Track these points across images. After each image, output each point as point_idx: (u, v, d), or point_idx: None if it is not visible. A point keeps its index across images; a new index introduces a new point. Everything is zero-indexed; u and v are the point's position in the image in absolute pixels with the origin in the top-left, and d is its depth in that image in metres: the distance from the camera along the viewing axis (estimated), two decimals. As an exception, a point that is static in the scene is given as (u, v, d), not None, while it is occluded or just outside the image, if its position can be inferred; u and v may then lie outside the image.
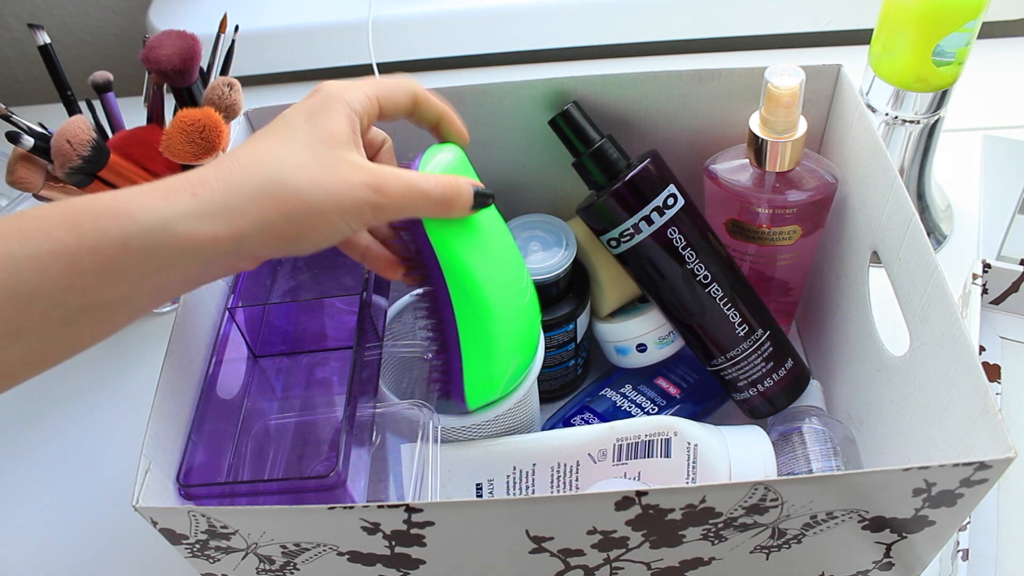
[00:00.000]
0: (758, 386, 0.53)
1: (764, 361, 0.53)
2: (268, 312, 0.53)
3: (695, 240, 0.51)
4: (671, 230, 0.50)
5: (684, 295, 0.52)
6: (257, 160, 0.34)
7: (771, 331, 0.53)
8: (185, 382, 0.44)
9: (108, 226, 0.32)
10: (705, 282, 0.51)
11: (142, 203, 0.32)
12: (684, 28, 0.90)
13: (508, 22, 0.90)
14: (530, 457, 0.49)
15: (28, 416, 0.66)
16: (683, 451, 0.47)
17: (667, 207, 0.50)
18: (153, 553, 0.55)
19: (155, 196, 0.33)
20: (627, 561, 0.40)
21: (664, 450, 0.48)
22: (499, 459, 0.49)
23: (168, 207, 0.32)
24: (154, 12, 0.92)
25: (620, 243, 0.51)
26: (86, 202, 0.32)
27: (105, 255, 0.32)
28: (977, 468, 0.34)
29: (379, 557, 0.39)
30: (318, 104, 0.37)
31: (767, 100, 0.50)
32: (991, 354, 0.60)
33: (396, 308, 0.54)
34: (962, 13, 0.56)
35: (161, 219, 0.32)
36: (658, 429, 0.48)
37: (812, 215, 0.54)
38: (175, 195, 0.33)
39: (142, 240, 0.32)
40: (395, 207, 0.36)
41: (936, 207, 0.70)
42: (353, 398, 0.43)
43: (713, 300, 0.51)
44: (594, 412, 0.58)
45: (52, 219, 0.31)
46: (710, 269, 0.51)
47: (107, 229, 0.32)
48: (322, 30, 0.90)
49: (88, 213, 0.32)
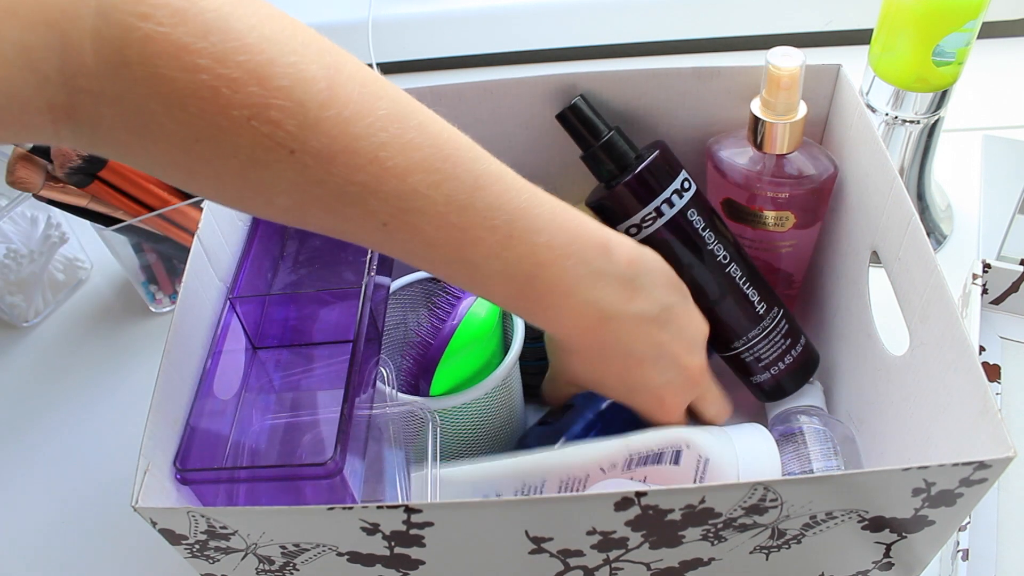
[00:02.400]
0: (776, 366, 0.54)
1: (783, 338, 0.53)
2: (268, 304, 0.53)
3: (711, 222, 0.51)
4: (690, 212, 0.50)
5: (707, 276, 0.52)
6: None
7: (783, 309, 0.54)
8: (184, 381, 0.44)
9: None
10: (725, 262, 0.51)
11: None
12: (684, 28, 0.90)
13: (508, 22, 0.90)
14: (541, 474, 0.49)
15: (28, 416, 0.66)
16: (693, 462, 0.48)
17: (684, 190, 0.50)
18: (153, 553, 0.55)
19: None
20: (627, 562, 0.40)
21: (674, 459, 0.48)
22: (509, 475, 0.49)
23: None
24: (154, 12, 0.92)
25: (641, 230, 0.51)
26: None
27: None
28: (977, 468, 0.34)
29: (378, 557, 0.39)
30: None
31: (767, 81, 0.50)
32: (991, 354, 0.60)
33: (406, 280, 0.55)
34: (962, 13, 0.56)
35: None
36: (671, 442, 0.48)
37: (809, 204, 0.54)
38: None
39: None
40: (700, 390, 0.49)
41: (936, 207, 0.70)
42: (351, 391, 0.43)
43: (733, 280, 0.52)
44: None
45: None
46: (727, 250, 0.52)
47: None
48: (322, 30, 0.88)
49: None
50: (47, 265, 0.72)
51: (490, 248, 0.37)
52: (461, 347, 0.49)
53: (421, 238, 0.36)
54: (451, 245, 0.36)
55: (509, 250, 0.37)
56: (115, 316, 0.73)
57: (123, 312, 0.73)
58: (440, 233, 0.36)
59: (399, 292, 0.55)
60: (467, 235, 0.36)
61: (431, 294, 0.55)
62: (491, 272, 0.38)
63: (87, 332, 0.72)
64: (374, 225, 0.35)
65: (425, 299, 0.56)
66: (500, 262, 0.37)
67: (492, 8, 0.89)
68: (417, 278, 0.56)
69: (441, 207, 0.35)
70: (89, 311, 0.73)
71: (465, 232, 0.36)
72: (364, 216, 0.34)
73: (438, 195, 0.35)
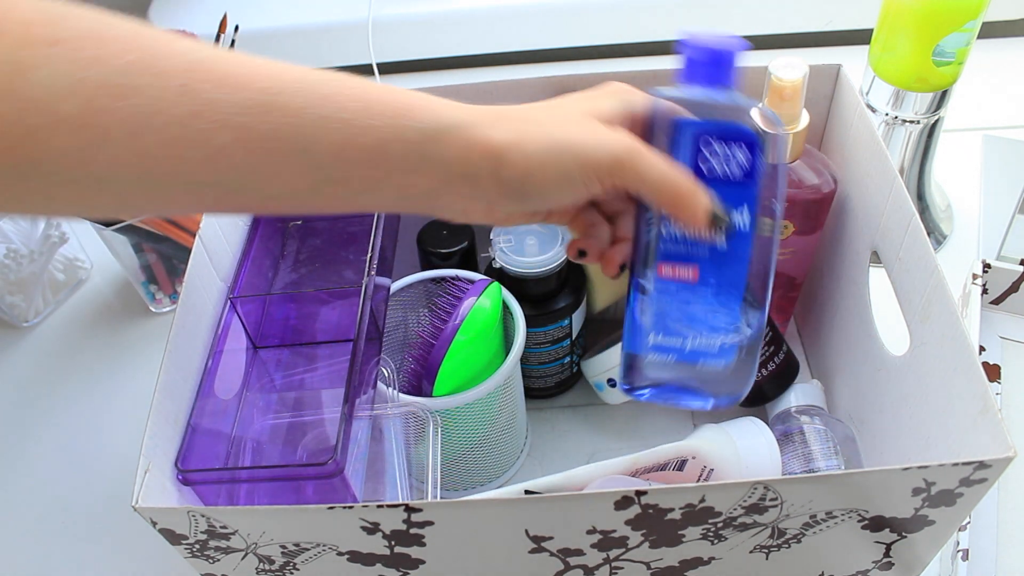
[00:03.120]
0: (759, 372, 0.54)
1: (766, 345, 0.54)
2: (269, 304, 0.53)
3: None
4: None
5: None
6: (530, 109, 0.36)
7: (768, 317, 0.54)
8: (184, 381, 0.44)
9: (401, 115, 0.33)
10: None
11: (436, 105, 0.34)
12: (684, 28, 0.90)
13: (508, 22, 0.90)
14: (550, 492, 0.49)
15: (28, 416, 0.66)
16: (697, 470, 0.48)
17: None
18: (153, 553, 0.55)
19: (446, 104, 0.34)
20: (627, 561, 0.40)
21: (678, 466, 0.48)
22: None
23: (464, 114, 0.34)
24: (154, 12, 0.92)
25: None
26: (376, 87, 0.33)
27: (383, 137, 0.33)
28: (977, 468, 0.34)
29: (379, 557, 0.39)
30: (599, 92, 0.38)
31: (770, 92, 0.50)
32: (991, 354, 0.60)
33: (407, 281, 0.56)
34: (962, 13, 0.56)
35: (462, 121, 0.33)
36: (678, 454, 0.48)
37: (809, 213, 0.54)
38: (470, 109, 0.34)
39: (427, 134, 0.33)
40: (634, 171, 0.36)
41: (936, 207, 0.70)
42: (352, 390, 0.43)
43: None
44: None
45: (346, 91, 0.33)
46: None
47: (400, 117, 0.33)
48: (322, 30, 0.90)
49: (379, 97, 0.33)
50: (47, 265, 0.72)
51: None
52: (464, 346, 0.49)
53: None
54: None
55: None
56: (115, 316, 0.73)
57: (123, 312, 0.73)
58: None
59: (400, 292, 0.55)
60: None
61: (432, 294, 0.55)
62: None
63: (87, 332, 0.72)
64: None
65: (426, 299, 0.56)
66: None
67: (492, 8, 0.89)
68: (418, 279, 0.56)
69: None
70: (89, 311, 0.73)
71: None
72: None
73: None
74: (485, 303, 0.50)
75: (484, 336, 0.50)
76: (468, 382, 0.50)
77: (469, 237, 0.58)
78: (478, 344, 0.50)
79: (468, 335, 0.49)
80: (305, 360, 0.52)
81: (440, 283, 0.55)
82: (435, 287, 0.55)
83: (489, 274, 0.56)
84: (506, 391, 0.53)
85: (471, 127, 0.34)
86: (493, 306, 0.51)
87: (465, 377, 0.50)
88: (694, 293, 0.38)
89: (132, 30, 0.31)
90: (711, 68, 0.36)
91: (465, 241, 0.58)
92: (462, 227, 0.59)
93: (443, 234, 0.58)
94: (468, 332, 0.49)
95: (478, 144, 0.34)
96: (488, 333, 0.50)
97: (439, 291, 0.54)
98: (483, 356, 0.51)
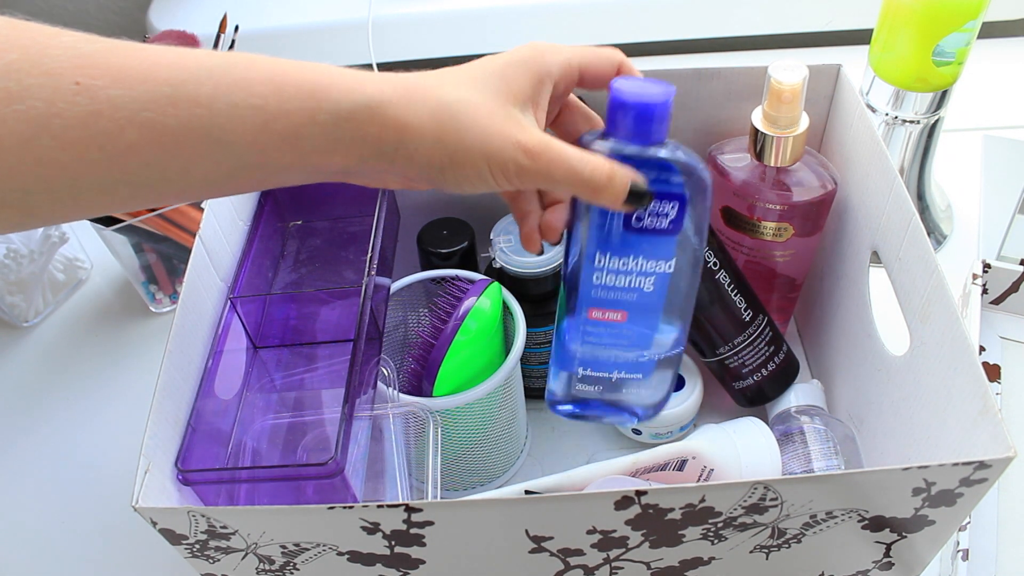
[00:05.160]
0: (760, 372, 0.54)
1: (767, 345, 0.54)
2: (269, 304, 0.53)
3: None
4: None
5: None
6: (445, 84, 0.35)
7: (768, 317, 0.54)
8: (184, 381, 0.44)
9: (314, 96, 0.32)
10: (715, 269, 0.52)
11: (349, 81, 0.33)
12: (684, 28, 0.90)
13: (508, 22, 0.90)
14: (550, 492, 0.49)
15: (28, 416, 0.66)
16: (697, 470, 0.48)
17: None
18: (153, 553, 0.55)
19: (358, 80, 0.33)
20: (627, 561, 0.40)
21: (678, 466, 0.48)
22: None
23: (377, 91, 0.33)
24: (154, 12, 0.92)
25: None
26: (286, 67, 0.32)
27: (297, 122, 0.32)
28: (977, 468, 0.34)
29: (379, 557, 0.39)
30: (515, 59, 0.37)
31: (769, 95, 0.50)
32: (991, 354, 0.60)
33: (407, 281, 0.56)
34: (962, 13, 0.56)
35: (373, 99, 0.32)
36: (679, 454, 0.48)
37: (807, 216, 0.54)
38: (382, 84, 0.33)
39: (341, 115, 0.32)
40: (540, 173, 0.35)
41: (936, 207, 0.70)
42: (352, 390, 0.43)
43: (722, 286, 0.52)
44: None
45: (255, 74, 0.32)
46: (718, 257, 0.52)
47: (313, 98, 0.32)
48: (322, 30, 0.90)
49: (290, 78, 0.32)
50: (47, 265, 0.72)
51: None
52: (464, 346, 0.49)
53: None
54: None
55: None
56: (115, 316, 0.73)
57: (123, 312, 0.73)
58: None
59: (400, 292, 0.55)
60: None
61: (432, 294, 0.55)
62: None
63: (87, 332, 0.72)
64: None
65: (426, 299, 0.56)
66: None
67: (492, 8, 0.89)
68: (418, 279, 0.56)
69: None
70: (89, 311, 0.73)
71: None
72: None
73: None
74: (485, 303, 0.50)
75: (484, 336, 0.50)
76: (468, 382, 0.50)
77: (469, 237, 0.58)
78: (478, 344, 0.50)
79: (468, 335, 0.49)
80: (305, 360, 0.52)
81: (440, 283, 0.55)
82: (435, 287, 0.55)
83: (489, 274, 0.56)
84: (506, 391, 0.53)
85: (386, 106, 0.33)
86: (493, 306, 0.51)
87: (465, 377, 0.50)
88: (622, 331, 0.39)
89: (5, 24, 0.28)
90: (640, 123, 0.36)
91: (465, 241, 0.58)
92: (462, 227, 0.59)
93: (443, 234, 0.58)
94: (468, 332, 0.49)
95: (392, 127, 0.33)
96: (488, 333, 0.50)
97: (439, 291, 0.54)
98: (483, 356, 0.51)
